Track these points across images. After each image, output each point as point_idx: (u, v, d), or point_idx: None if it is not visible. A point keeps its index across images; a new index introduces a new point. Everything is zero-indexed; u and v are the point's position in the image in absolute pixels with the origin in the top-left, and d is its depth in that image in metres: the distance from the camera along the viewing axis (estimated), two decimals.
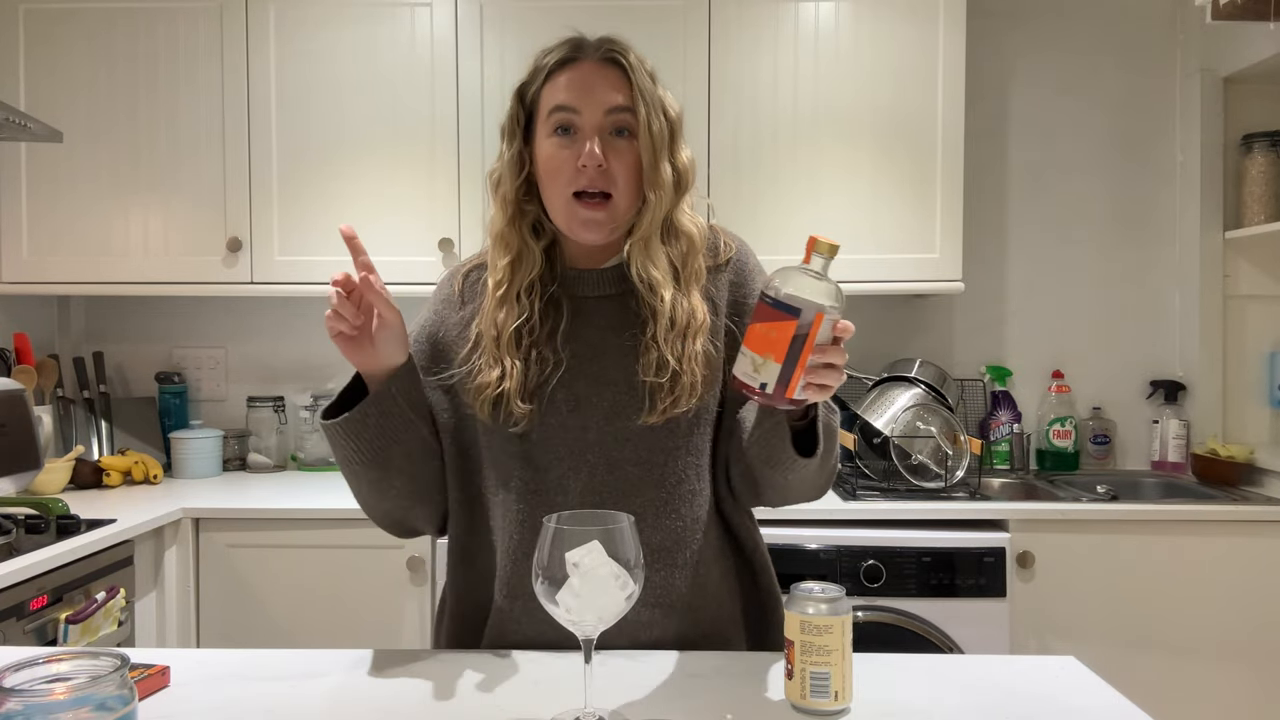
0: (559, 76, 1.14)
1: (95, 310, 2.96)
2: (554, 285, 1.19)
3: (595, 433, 1.15)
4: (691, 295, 1.16)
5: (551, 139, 1.14)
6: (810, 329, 0.94)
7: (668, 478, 1.16)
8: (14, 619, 1.75)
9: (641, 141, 1.13)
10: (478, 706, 0.99)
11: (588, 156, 1.11)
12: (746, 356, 0.97)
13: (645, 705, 0.98)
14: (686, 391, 1.13)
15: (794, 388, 0.96)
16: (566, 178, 1.13)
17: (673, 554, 1.16)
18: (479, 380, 1.15)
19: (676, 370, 1.13)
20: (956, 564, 2.21)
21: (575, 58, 1.15)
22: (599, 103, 1.12)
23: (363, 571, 2.28)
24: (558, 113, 1.13)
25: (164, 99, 2.58)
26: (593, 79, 1.13)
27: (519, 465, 1.17)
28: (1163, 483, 2.72)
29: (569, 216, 1.14)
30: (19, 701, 0.69)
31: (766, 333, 0.96)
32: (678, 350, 1.13)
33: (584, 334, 1.18)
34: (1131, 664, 2.27)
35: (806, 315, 0.94)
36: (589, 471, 1.15)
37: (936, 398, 2.58)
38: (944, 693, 1.02)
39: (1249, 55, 2.61)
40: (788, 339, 0.94)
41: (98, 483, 2.53)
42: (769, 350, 0.95)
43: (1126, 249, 2.92)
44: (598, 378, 1.16)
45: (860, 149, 2.56)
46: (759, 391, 0.97)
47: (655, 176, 1.14)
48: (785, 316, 0.95)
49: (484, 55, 2.55)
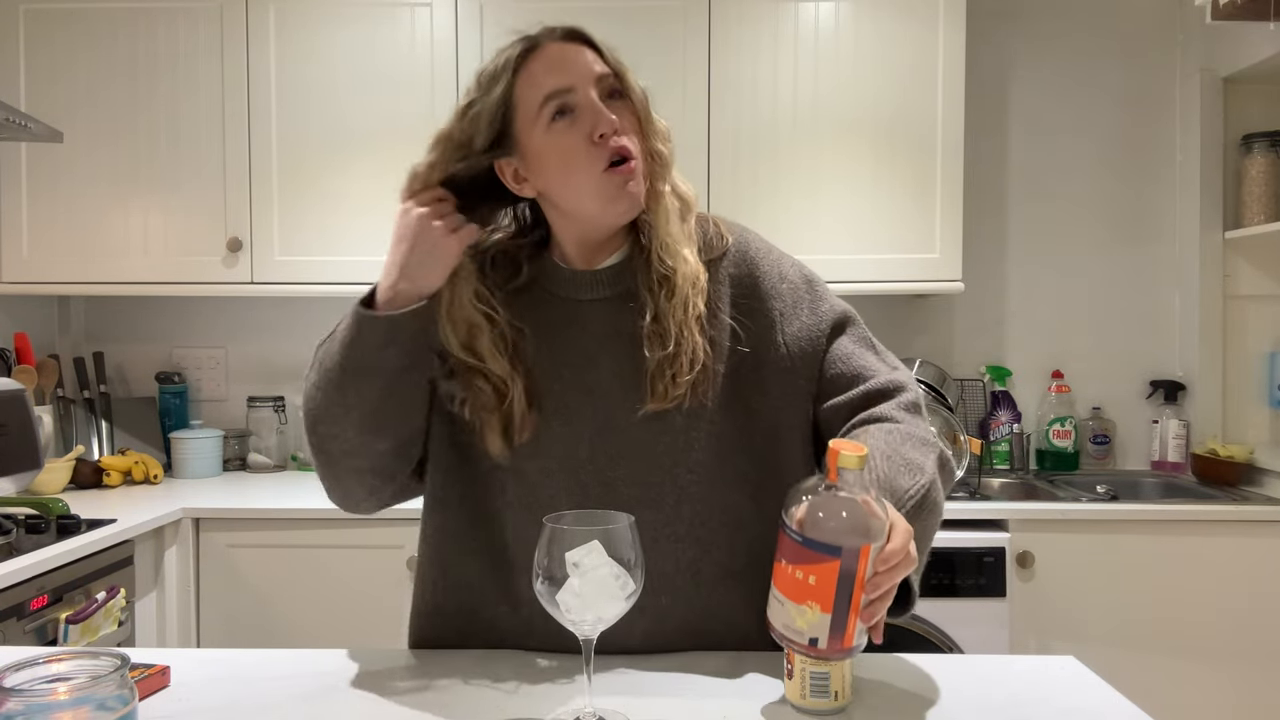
0: (530, 65, 1.07)
1: (95, 310, 2.96)
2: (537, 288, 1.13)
3: (587, 448, 1.09)
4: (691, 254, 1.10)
5: (552, 128, 1.05)
6: (857, 568, 0.79)
7: (666, 498, 1.09)
8: (14, 619, 1.75)
9: (636, 100, 1.07)
10: (478, 706, 0.98)
11: (606, 124, 1.03)
12: (783, 605, 0.83)
13: (645, 705, 0.98)
14: (687, 364, 1.05)
15: (851, 635, 0.82)
16: (588, 157, 1.04)
17: (673, 579, 1.09)
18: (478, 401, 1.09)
19: (677, 338, 1.05)
20: (956, 564, 2.21)
21: (537, 41, 1.08)
22: (586, 74, 1.05)
23: (363, 571, 2.28)
24: (550, 100, 1.04)
25: (164, 99, 2.58)
26: (566, 55, 1.06)
27: (512, 478, 1.11)
28: (1163, 483, 2.72)
29: (607, 196, 1.05)
30: (19, 701, 0.69)
31: (804, 578, 0.80)
32: (679, 314, 1.06)
33: (579, 342, 1.11)
34: (1131, 664, 2.27)
35: (849, 554, 0.79)
36: (581, 491, 1.08)
37: (936, 398, 2.58)
38: (943, 693, 1.02)
39: (1249, 55, 2.61)
40: (832, 584, 0.79)
41: (98, 483, 2.54)
42: (810, 598, 0.80)
43: (1126, 249, 2.92)
44: (591, 389, 1.10)
45: (860, 149, 2.56)
46: (809, 647, 0.83)
47: (653, 129, 1.08)
48: (822, 558, 0.80)
49: (484, 55, 2.51)
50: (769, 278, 1.15)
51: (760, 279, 1.15)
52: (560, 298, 1.13)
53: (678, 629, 1.11)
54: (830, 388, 1.13)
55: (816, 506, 0.81)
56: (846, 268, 2.53)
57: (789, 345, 1.13)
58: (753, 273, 1.15)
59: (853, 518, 0.80)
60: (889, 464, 0.99)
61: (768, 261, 1.17)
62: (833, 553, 0.79)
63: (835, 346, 1.14)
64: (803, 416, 1.14)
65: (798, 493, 0.82)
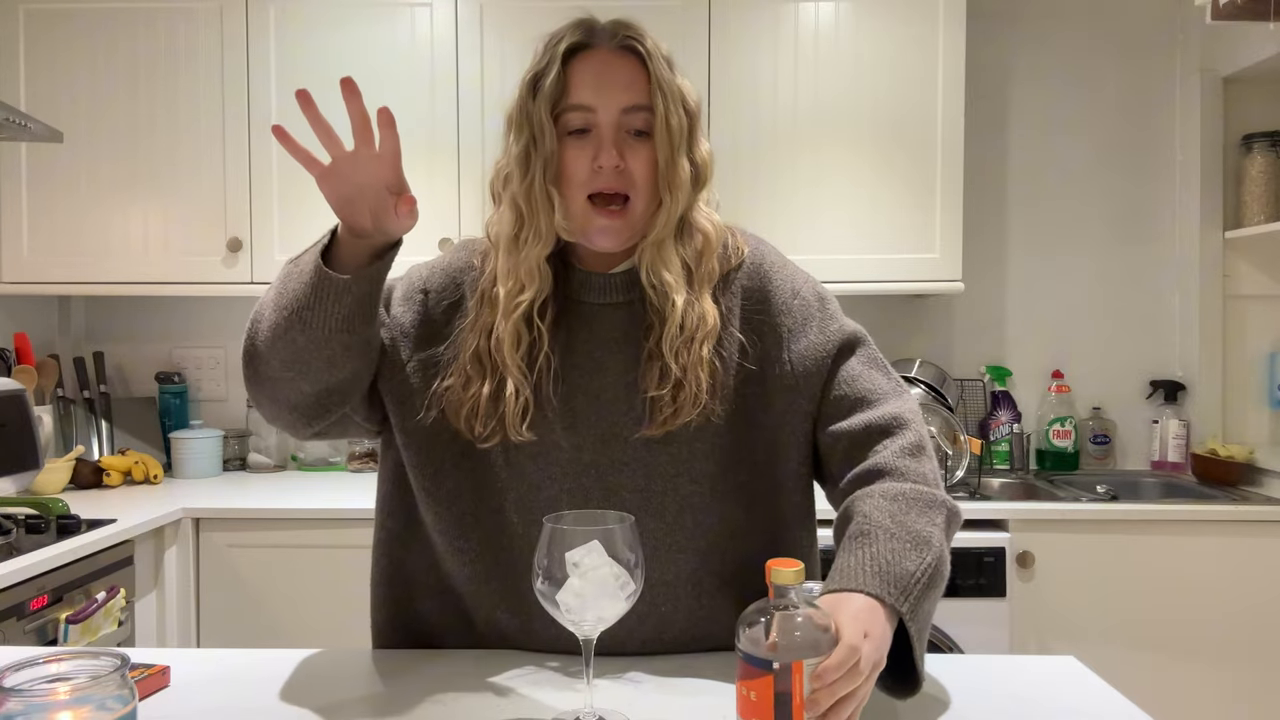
0: (573, 66, 1.06)
1: (95, 310, 2.96)
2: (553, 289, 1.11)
3: (590, 454, 1.09)
4: (703, 299, 1.09)
5: (567, 139, 1.06)
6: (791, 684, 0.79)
7: (668, 507, 1.09)
8: (14, 619, 1.75)
9: (659, 139, 1.06)
10: (478, 706, 0.98)
11: (605, 158, 1.05)
12: None
13: (646, 705, 0.98)
14: (689, 402, 1.05)
15: None
16: (582, 179, 1.06)
17: (674, 588, 1.09)
18: (472, 390, 1.07)
19: (680, 379, 1.05)
20: (956, 564, 2.20)
21: (589, 43, 1.07)
22: (615, 102, 1.05)
23: (362, 571, 2.26)
24: (572, 112, 1.06)
25: (164, 99, 2.58)
26: (609, 73, 1.06)
27: (512, 480, 1.10)
28: (1162, 483, 2.72)
29: (584, 222, 1.07)
30: (19, 701, 0.69)
31: (747, 693, 0.80)
32: (683, 358, 1.06)
33: (586, 346, 1.10)
34: (1131, 664, 2.27)
35: (782, 670, 0.79)
36: (584, 495, 1.08)
37: (936, 398, 2.58)
38: (944, 693, 1.02)
39: (1249, 55, 2.61)
40: (769, 700, 0.79)
41: (98, 483, 2.53)
42: (754, 715, 0.80)
43: (1126, 249, 2.92)
44: (597, 394, 1.09)
45: (860, 149, 2.56)
46: None
47: (672, 175, 1.06)
48: (758, 673, 0.79)
49: (484, 55, 2.55)
50: (781, 293, 1.14)
51: (772, 294, 1.14)
52: (573, 300, 1.12)
53: (677, 639, 1.11)
54: (833, 410, 1.12)
55: (757, 623, 0.81)
56: (846, 268, 2.53)
57: (794, 363, 1.12)
58: (765, 286, 1.14)
59: (786, 633, 0.80)
60: (893, 544, 0.96)
61: (781, 276, 1.16)
62: (765, 667, 0.79)
63: (843, 368, 1.12)
64: (802, 435, 1.13)
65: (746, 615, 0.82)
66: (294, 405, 1.08)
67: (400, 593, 1.20)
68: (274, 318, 1.03)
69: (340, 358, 1.03)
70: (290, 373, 1.04)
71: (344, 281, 0.99)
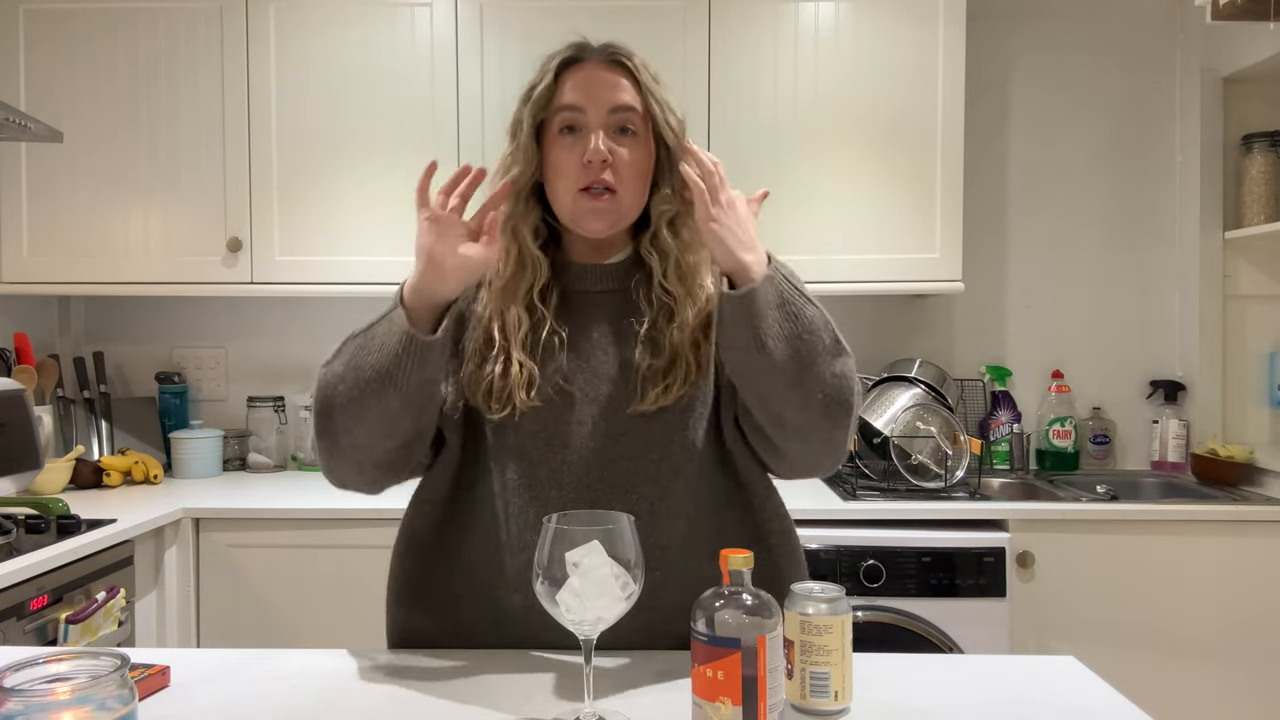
0: (565, 77, 1.17)
1: (95, 310, 2.96)
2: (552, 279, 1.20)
3: (589, 426, 1.16)
4: (694, 284, 1.19)
5: (558, 139, 1.17)
6: (757, 656, 0.86)
7: (662, 474, 1.16)
8: (14, 619, 1.75)
9: (664, 134, 1.17)
10: (478, 706, 0.99)
11: (592, 152, 1.14)
12: (700, 707, 0.88)
13: (646, 705, 0.98)
14: (680, 378, 1.14)
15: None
16: (573, 175, 1.15)
17: (669, 552, 1.14)
18: (486, 370, 1.15)
19: (672, 359, 1.15)
20: (956, 564, 2.21)
21: (580, 58, 1.18)
22: (603, 101, 1.16)
23: (363, 571, 2.28)
24: (563, 112, 1.16)
25: (164, 99, 2.58)
26: (597, 79, 1.17)
27: (512, 458, 1.16)
28: (1163, 483, 2.72)
29: (575, 210, 1.17)
30: (19, 701, 0.69)
31: (713, 675, 0.87)
32: (675, 339, 1.15)
33: (584, 329, 1.19)
34: (1131, 664, 2.27)
35: (749, 644, 0.86)
36: (584, 467, 1.14)
37: (936, 398, 2.58)
38: (944, 693, 1.02)
39: (1249, 55, 2.61)
40: (737, 675, 0.86)
41: (98, 483, 2.53)
42: (721, 694, 0.86)
43: (1126, 249, 2.92)
44: (595, 372, 1.17)
45: (860, 149, 2.56)
46: None
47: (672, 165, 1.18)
48: (725, 652, 0.86)
49: (484, 55, 2.55)
50: None
51: None
52: (571, 289, 1.22)
53: (672, 603, 1.12)
54: None
55: (716, 608, 0.88)
56: (846, 268, 2.53)
57: None
58: None
59: (747, 612, 0.88)
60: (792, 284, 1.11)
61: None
62: (733, 645, 0.86)
63: None
64: None
65: (703, 600, 0.89)
66: (378, 463, 1.14)
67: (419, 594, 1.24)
68: (358, 389, 1.09)
69: (426, 409, 1.12)
70: (378, 436, 1.11)
71: (431, 341, 1.07)
